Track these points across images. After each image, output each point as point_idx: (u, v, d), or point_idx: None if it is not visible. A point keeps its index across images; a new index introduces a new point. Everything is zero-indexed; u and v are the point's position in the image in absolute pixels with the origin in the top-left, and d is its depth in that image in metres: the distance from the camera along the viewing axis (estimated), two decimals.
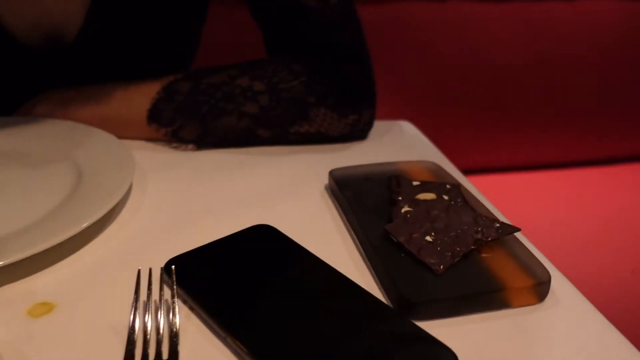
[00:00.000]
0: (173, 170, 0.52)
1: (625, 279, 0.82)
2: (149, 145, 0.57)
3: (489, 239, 0.39)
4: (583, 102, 1.10)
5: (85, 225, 0.38)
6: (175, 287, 0.34)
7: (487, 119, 1.07)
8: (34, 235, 0.38)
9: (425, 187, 0.46)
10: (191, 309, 0.35)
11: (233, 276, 0.36)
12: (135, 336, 0.31)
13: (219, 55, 0.64)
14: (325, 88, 0.56)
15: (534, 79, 1.06)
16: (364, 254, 0.41)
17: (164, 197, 0.48)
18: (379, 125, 0.63)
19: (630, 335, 0.35)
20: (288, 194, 0.49)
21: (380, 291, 0.37)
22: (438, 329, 0.33)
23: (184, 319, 0.34)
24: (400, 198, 0.44)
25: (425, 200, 0.44)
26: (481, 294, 0.35)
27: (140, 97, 0.56)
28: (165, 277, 0.36)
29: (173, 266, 0.35)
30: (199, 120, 0.55)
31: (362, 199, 0.45)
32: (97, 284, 0.37)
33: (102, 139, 0.52)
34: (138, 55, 0.63)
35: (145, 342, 0.31)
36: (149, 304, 0.33)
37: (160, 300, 0.34)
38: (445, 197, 0.44)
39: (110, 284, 0.37)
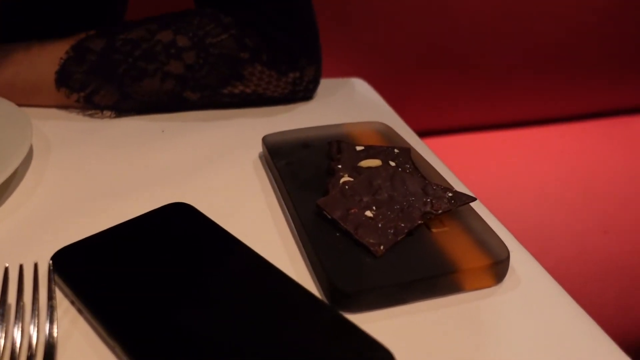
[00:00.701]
0: (83, 142, 0.45)
1: (597, 241, 0.78)
2: (61, 113, 0.50)
3: (440, 211, 0.33)
4: (545, 59, 1.06)
5: None
6: (53, 285, 0.28)
7: (448, 77, 1.01)
8: None
9: (370, 152, 0.40)
10: (80, 311, 0.29)
11: (132, 269, 0.30)
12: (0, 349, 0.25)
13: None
14: (259, 42, 0.49)
15: (497, 37, 1.01)
16: (297, 235, 0.35)
17: (67, 174, 0.41)
18: (327, 84, 0.57)
19: (604, 309, 0.31)
20: (216, 165, 0.43)
21: (313, 280, 0.32)
22: (376, 322, 0.28)
23: (69, 324, 0.28)
24: (339, 166, 0.38)
25: (369, 168, 0.38)
26: (427, 279, 0.30)
27: (46, 58, 0.49)
28: (53, 273, 0.29)
29: (51, 260, 0.29)
30: (116, 83, 0.48)
31: (297, 169, 0.39)
32: None
33: None
34: (51, 8, 0.54)
35: (14, 358, 0.25)
36: (20, 308, 0.27)
37: (33, 302, 0.28)
38: (392, 164, 0.39)
39: None
